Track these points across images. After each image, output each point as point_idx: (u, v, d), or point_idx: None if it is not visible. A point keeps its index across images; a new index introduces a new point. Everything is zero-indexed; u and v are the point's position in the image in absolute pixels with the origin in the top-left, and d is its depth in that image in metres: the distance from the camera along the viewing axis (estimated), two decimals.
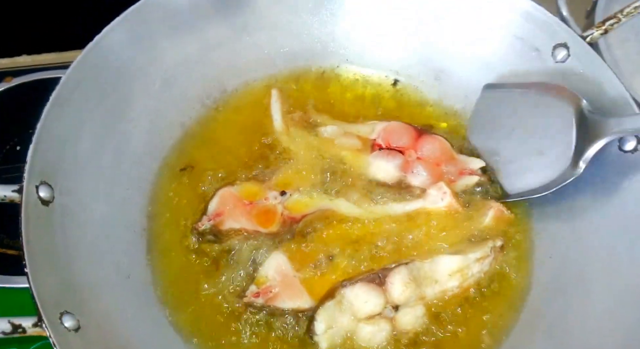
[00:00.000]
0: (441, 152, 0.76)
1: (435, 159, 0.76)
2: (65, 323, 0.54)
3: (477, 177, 0.75)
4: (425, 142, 0.76)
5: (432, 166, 0.75)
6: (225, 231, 0.70)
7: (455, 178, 0.75)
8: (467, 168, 0.76)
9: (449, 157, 0.76)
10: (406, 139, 0.77)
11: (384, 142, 0.77)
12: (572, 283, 0.67)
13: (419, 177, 0.74)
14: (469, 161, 0.77)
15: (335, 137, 0.78)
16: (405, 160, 0.76)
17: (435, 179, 0.74)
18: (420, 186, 0.74)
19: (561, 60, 0.76)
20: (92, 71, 0.71)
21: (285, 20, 0.86)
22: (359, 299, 0.63)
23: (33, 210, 0.58)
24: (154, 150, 0.78)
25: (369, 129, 0.79)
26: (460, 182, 0.75)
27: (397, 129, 0.78)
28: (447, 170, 0.75)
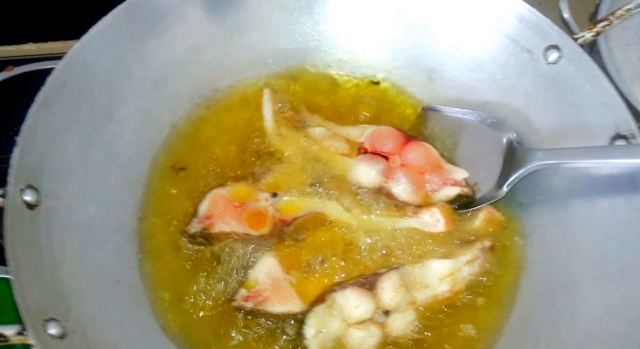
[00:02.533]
0: (426, 161, 0.75)
1: (419, 167, 0.75)
2: (50, 330, 0.53)
3: (459, 188, 0.74)
4: (410, 149, 0.75)
5: (414, 174, 0.74)
6: (215, 234, 0.69)
7: (438, 188, 0.74)
8: (451, 178, 0.74)
9: (434, 166, 0.75)
10: (392, 145, 0.76)
11: (370, 146, 0.76)
12: (562, 288, 0.67)
13: (399, 185, 0.73)
14: (454, 171, 0.75)
15: (323, 139, 0.78)
16: (388, 166, 0.75)
17: (416, 187, 0.73)
18: (399, 195, 0.73)
19: (553, 61, 0.76)
20: (80, 72, 0.70)
21: (277, 19, 0.85)
22: (349, 304, 0.63)
23: (18, 214, 0.58)
24: (144, 151, 0.77)
25: (359, 132, 0.78)
26: (442, 192, 0.74)
27: (385, 134, 0.77)
28: (430, 179, 0.74)
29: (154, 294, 0.67)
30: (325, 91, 0.87)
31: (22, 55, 1.02)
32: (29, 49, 1.04)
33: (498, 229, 0.73)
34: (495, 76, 0.82)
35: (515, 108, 0.79)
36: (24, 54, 1.03)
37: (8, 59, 1.01)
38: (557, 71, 0.75)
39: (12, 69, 1.00)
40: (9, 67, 1.00)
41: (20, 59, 1.01)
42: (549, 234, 0.72)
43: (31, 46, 1.04)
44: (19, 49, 1.04)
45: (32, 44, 1.04)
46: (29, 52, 1.04)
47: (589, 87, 0.72)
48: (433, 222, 0.71)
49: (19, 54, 1.03)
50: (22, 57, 1.02)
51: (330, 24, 0.87)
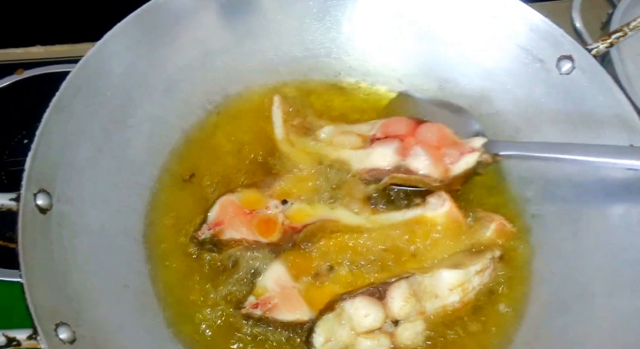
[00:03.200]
0: (440, 137, 0.73)
1: (435, 143, 0.73)
2: (60, 334, 0.53)
3: (478, 153, 0.71)
4: (423, 128, 0.74)
5: (431, 149, 0.73)
6: (225, 241, 0.69)
7: (457, 159, 0.72)
8: (468, 147, 0.72)
9: (450, 141, 0.73)
10: (404, 128, 0.74)
11: (382, 134, 0.75)
12: (573, 300, 0.66)
13: (418, 159, 0.71)
14: (470, 142, 0.73)
15: (333, 136, 0.77)
16: (404, 144, 0.73)
17: (435, 161, 0.71)
18: (419, 169, 0.71)
19: (566, 72, 0.76)
20: (93, 77, 0.70)
21: (289, 26, 0.86)
22: (358, 313, 0.62)
23: (30, 219, 0.58)
24: (154, 156, 0.77)
25: (369, 127, 0.77)
26: (462, 161, 0.71)
27: (396, 122, 0.76)
28: (447, 152, 0.72)
29: (163, 300, 0.67)
30: (335, 98, 0.88)
31: (30, 58, 1.03)
32: (37, 52, 1.05)
33: (509, 240, 0.72)
34: (506, 86, 0.81)
35: (527, 118, 0.79)
36: (32, 57, 1.04)
37: (17, 62, 1.02)
38: (570, 82, 0.75)
39: (22, 72, 1.01)
40: (19, 71, 1.01)
41: (28, 62, 1.02)
42: (560, 245, 0.71)
43: (39, 49, 1.05)
44: (27, 51, 1.05)
45: (40, 47, 1.05)
46: (37, 55, 1.04)
47: (601, 98, 0.72)
48: (440, 203, 0.70)
49: (27, 57, 1.04)
50: (30, 60, 1.03)
51: (340, 32, 0.88)
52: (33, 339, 0.50)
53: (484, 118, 0.83)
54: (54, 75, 1.00)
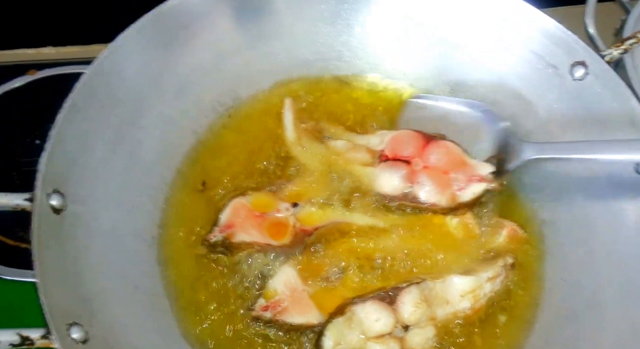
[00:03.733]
0: (448, 160, 0.73)
1: (443, 167, 0.73)
2: (73, 334, 0.53)
3: (485, 184, 0.71)
4: (432, 150, 0.74)
5: (438, 175, 0.73)
6: (236, 244, 0.70)
7: (465, 185, 0.72)
8: (476, 174, 0.72)
9: (458, 163, 0.73)
10: (412, 148, 0.74)
11: (390, 152, 0.75)
12: (585, 308, 0.66)
13: (424, 188, 0.72)
14: (478, 167, 0.73)
15: (345, 151, 0.77)
16: (411, 170, 0.73)
17: (442, 188, 0.72)
18: (426, 199, 0.72)
19: (579, 78, 0.75)
20: (107, 78, 0.71)
21: (301, 29, 0.86)
22: (369, 317, 0.62)
23: (44, 219, 0.58)
24: (166, 158, 0.77)
25: (378, 139, 0.77)
26: (469, 190, 0.72)
27: (404, 138, 0.76)
28: (455, 177, 0.72)
29: (173, 302, 0.67)
30: (345, 101, 0.87)
31: (42, 59, 1.04)
32: (48, 53, 1.06)
33: (520, 246, 0.72)
34: (519, 91, 0.81)
35: (539, 123, 0.79)
36: (44, 58, 1.04)
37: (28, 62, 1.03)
38: (583, 88, 0.74)
39: (34, 73, 1.02)
40: (32, 71, 1.02)
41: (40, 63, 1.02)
42: (571, 252, 0.71)
43: (50, 50, 1.06)
44: (38, 52, 1.06)
45: (52, 48, 1.06)
46: (49, 56, 1.05)
47: (615, 105, 0.72)
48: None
49: (39, 58, 1.04)
50: (42, 60, 1.03)
51: (352, 35, 0.87)
52: (46, 339, 0.50)
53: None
54: (66, 76, 1.01)
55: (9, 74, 1.01)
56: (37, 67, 1.02)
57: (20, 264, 0.80)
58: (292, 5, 0.83)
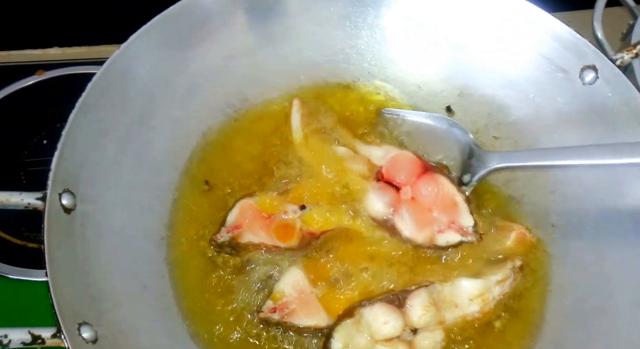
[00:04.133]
0: (437, 196, 0.72)
1: (429, 203, 0.72)
2: (83, 334, 0.53)
3: (462, 237, 0.70)
4: (423, 183, 0.73)
5: (421, 211, 0.72)
6: (243, 245, 0.70)
7: (443, 230, 0.71)
8: (457, 223, 0.71)
9: (445, 203, 0.72)
10: (406, 175, 0.74)
11: (385, 172, 0.75)
12: (595, 312, 0.65)
13: (404, 221, 0.71)
14: (462, 216, 0.72)
15: (345, 159, 0.77)
16: (398, 198, 0.73)
17: (420, 226, 0.71)
18: (402, 231, 0.71)
19: (589, 82, 0.75)
20: (118, 79, 0.71)
21: (309, 31, 0.86)
22: (378, 320, 0.62)
23: (55, 218, 0.58)
24: (174, 158, 0.77)
25: (382, 154, 0.77)
26: (445, 236, 0.71)
27: (401, 164, 0.75)
28: (438, 217, 0.71)
29: (181, 303, 0.67)
30: (353, 103, 0.87)
31: (48, 60, 1.05)
32: (55, 53, 1.06)
33: (529, 250, 0.72)
34: (528, 94, 0.81)
35: (549, 127, 0.79)
36: (50, 58, 1.05)
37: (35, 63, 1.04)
38: (593, 92, 0.74)
39: (42, 73, 1.02)
40: (40, 72, 1.02)
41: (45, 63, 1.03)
42: (581, 256, 0.71)
43: (56, 50, 1.07)
44: (45, 53, 1.06)
45: (58, 48, 1.07)
46: (55, 57, 1.06)
47: (626, 109, 0.71)
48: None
49: (45, 58, 1.05)
50: (48, 61, 1.04)
51: (360, 38, 0.88)
52: (57, 338, 0.50)
53: (503, 126, 0.83)
54: (72, 77, 1.02)
55: (15, 74, 1.01)
56: (44, 68, 1.03)
57: (27, 264, 0.80)
58: (303, 7, 0.84)
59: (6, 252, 0.81)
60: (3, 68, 1.04)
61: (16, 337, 0.50)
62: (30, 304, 0.77)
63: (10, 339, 0.50)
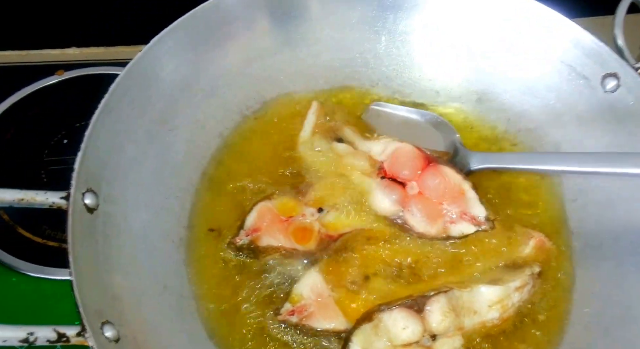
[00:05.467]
0: (444, 188, 0.71)
1: (438, 195, 0.71)
2: (106, 333, 0.54)
3: (476, 228, 0.70)
4: (429, 175, 0.72)
5: (430, 205, 0.71)
6: (262, 248, 0.70)
7: (456, 220, 0.70)
8: (469, 214, 0.71)
9: (454, 193, 0.71)
10: (410, 169, 0.73)
11: (389, 169, 0.74)
12: (616, 323, 0.65)
13: (414, 217, 0.71)
14: (473, 205, 0.71)
15: (345, 155, 0.76)
16: (405, 194, 0.72)
17: (431, 219, 0.70)
18: (414, 226, 0.70)
19: (610, 90, 0.75)
20: (140, 80, 0.71)
21: (328, 35, 0.86)
22: (397, 325, 0.62)
23: (79, 218, 0.59)
24: (193, 160, 0.78)
25: (381, 148, 0.76)
26: (459, 226, 0.70)
27: (405, 156, 0.74)
28: (448, 208, 0.71)
29: (200, 304, 0.67)
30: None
31: (66, 60, 1.06)
32: (73, 53, 1.07)
33: (548, 258, 0.71)
34: (547, 101, 0.81)
35: (569, 134, 0.78)
36: (68, 59, 1.06)
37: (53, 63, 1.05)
38: (615, 100, 0.74)
39: (62, 73, 1.03)
40: (60, 72, 1.03)
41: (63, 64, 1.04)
42: (601, 264, 0.70)
43: (74, 50, 1.08)
44: (63, 53, 1.07)
45: (76, 49, 1.08)
46: (72, 57, 1.07)
47: None
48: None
49: (63, 58, 1.06)
50: (66, 61, 1.05)
51: (379, 43, 0.88)
52: (81, 336, 0.51)
53: (523, 133, 0.82)
54: (93, 77, 1.03)
55: (35, 74, 1.02)
56: (64, 68, 1.04)
57: (47, 262, 0.81)
58: (322, 11, 0.84)
59: (27, 250, 0.82)
60: (23, 68, 1.05)
61: (41, 334, 0.51)
62: (50, 302, 0.78)
63: (36, 337, 0.50)
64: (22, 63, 1.06)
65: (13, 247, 0.82)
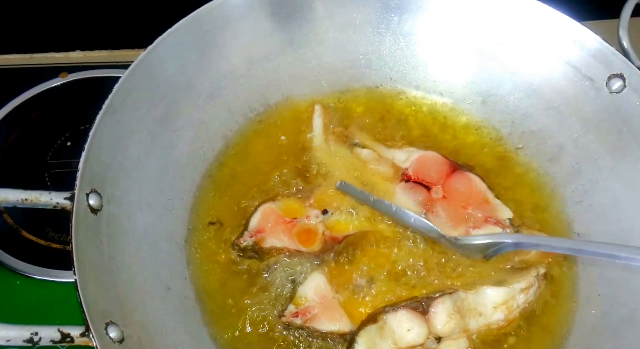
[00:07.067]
0: (469, 194, 0.72)
1: (463, 201, 0.72)
2: (110, 333, 0.53)
3: (500, 230, 0.70)
4: (455, 181, 0.72)
5: (455, 208, 0.71)
6: (266, 249, 0.69)
7: (479, 224, 0.70)
8: (494, 217, 0.71)
9: (479, 200, 0.72)
10: (436, 174, 0.73)
11: (413, 174, 0.74)
12: (622, 325, 0.64)
13: (438, 219, 0.70)
14: (498, 209, 0.72)
15: (369, 161, 0.77)
16: (429, 197, 0.72)
17: (455, 223, 0.70)
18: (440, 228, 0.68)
19: (616, 91, 0.74)
20: (144, 81, 0.71)
21: (332, 37, 0.86)
22: (401, 327, 0.62)
23: (83, 218, 0.58)
24: (197, 161, 0.78)
25: (405, 156, 0.76)
26: (482, 231, 0.70)
27: (429, 163, 0.75)
28: (473, 213, 0.71)
29: (204, 305, 0.67)
30: (375, 109, 0.87)
31: (70, 63, 1.06)
32: (76, 57, 1.08)
33: (553, 260, 0.71)
34: (552, 103, 0.80)
35: (573, 136, 0.78)
36: (72, 61, 1.06)
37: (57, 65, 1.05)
38: (620, 100, 0.73)
39: (66, 76, 1.04)
40: (63, 74, 1.03)
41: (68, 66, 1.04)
42: (607, 267, 0.69)
43: (78, 54, 1.08)
44: (67, 56, 1.08)
45: (80, 52, 1.08)
46: (76, 60, 1.07)
47: None
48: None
49: (67, 61, 1.06)
50: (70, 64, 1.05)
51: (383, 44, 0.88)
52: (85, 337, 0.50)
53: (527, 135, 0.82)
54: (96, 80, 1.03)
55: (39, 76, 1.02)
56: (67, 70, 1.04)
57: (51, 265, 0.81)
58: (326, 13, 0.84)
59: (31, 252, 0.82)
60: (27, 70, 1.05)
61: (45, 334, 0.51)
62: (54, 305, 0.77)
63: (40, 337, 0.50)
64: (26, 66, 1.06)
65: (16, 250, 0.82)
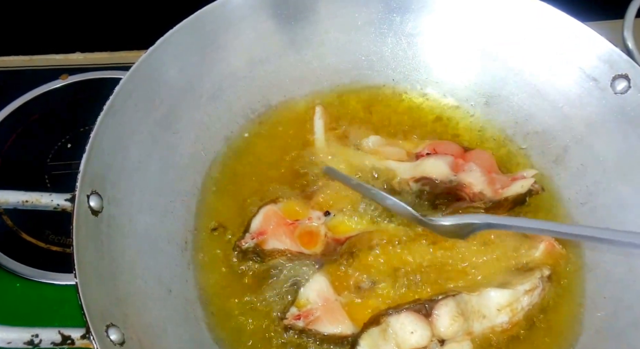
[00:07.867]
0: (489, 164, 0.74)
1: (486, 167, 0.73)
2: (111, 336, 0.53)
3: (532, 180, 0.72)
4: (473, 155, 0.75)
5: (482, 170, 0.73)
6: (268, 251, 0.69)
7: (508, 184, 0.72)
8: (520, 175, 0.73)
9: (497, 170, 0.75)
10: (453, 151, 0.75)
11: (431, 151, 0.75)
12: (628, 327, 0.64)
13: (473, 175, 0.71)
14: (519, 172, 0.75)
15: (379, 146, 0.77)
16: (455, 162, 0.73)
17: (488, 181, 0.71)
18: (473, 184, 0.70)
19: (621, 91, 0.74)
20: (144, 82, 0.71)
21: (334, 38, 0.86)
22: (405, 329, 0.61)
23: (83, 220, 0.58)
24: (198, 163, 0.77)
25: (413, 145, 0.77)
26: (515, 185, 0.72)
27: (445, 144, 0.77)
28: (497, 178, 0.73)
29: (205, 308, 0.67)
30: (377, 110, 0.87)
31: (70, 65, 1.05)
32: (77, 59, 1.07)
33: (558, 262, 0.70)
34: (556, 104, 0.80)
35: (578, 137, 0.77)
36: (72, 63, 1.06)
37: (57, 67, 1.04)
38: (625, 101, 0.73)
39: (66, 78, 1.03)
40: (64, 76, 1.03)
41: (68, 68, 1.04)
42: (612, 268, 0.69)
43: (78, 56, 1.08)
44: (67, 58, 1.07)
45: (80, 54, 1.08)
46: (76, 62, 1.07)
47: None
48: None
49: (67, 63, 1.06)
50: (70, 66, 1.05)
51: (385, 45, 0.87)
52: (86, 339, 0.50)
53: (531, 136, 0.82)
54: (96, 81, 1.03)
55: (39, 78, 1.02)
56: (67, 72, 1.04)
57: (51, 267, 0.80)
58: (328, 14, 0.84)
59: (31, 255, 0.82)
60: (27, 72, 1.05)
61: (46, 337, 0.50)
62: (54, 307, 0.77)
63: (41, 339, 0.50)
64: (27, 67, 1.06)
65: (16, 253, 0.82)
